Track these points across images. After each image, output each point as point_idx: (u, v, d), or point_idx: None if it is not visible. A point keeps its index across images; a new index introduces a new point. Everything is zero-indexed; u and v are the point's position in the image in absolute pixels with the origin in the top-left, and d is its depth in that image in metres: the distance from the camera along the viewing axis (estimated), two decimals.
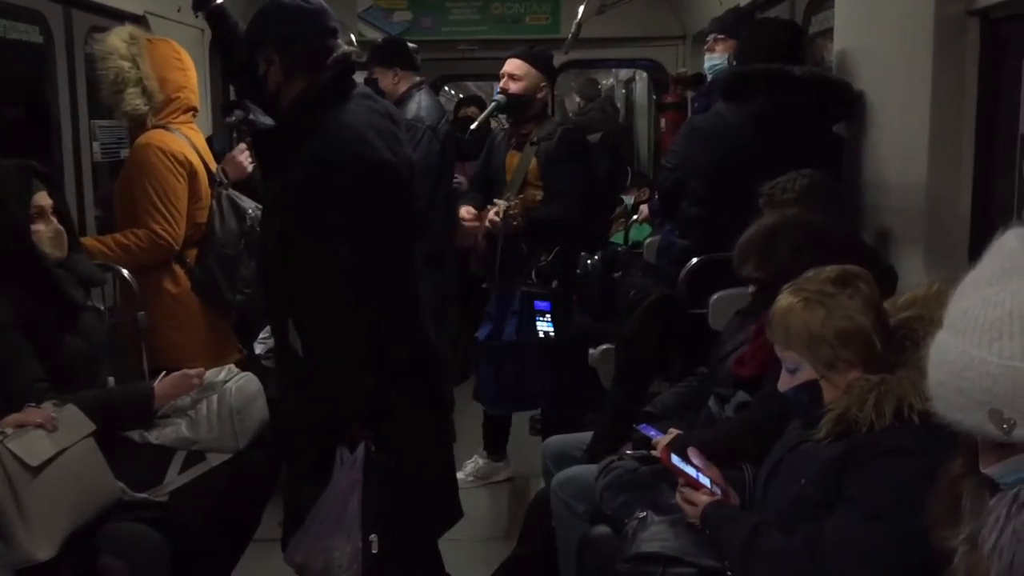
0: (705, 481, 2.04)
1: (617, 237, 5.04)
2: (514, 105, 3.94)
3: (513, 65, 3.93)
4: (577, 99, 8.47)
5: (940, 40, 2.37)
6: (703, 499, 2.00)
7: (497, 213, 3.77)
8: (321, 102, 2.36)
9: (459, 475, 4.15)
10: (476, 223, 3.95)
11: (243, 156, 3.58)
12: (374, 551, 2.33)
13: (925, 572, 1.41)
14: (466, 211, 3.99)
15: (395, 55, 4.34)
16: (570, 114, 8.41)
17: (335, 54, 2.39)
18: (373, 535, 2.34)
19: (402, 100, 4.22)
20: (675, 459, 2.09)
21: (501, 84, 3.95)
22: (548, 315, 3.85)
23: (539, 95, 3.96)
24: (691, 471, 2.06)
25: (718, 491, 2.02)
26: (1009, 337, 1.17)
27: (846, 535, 1.70)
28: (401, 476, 2.39)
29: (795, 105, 2.91)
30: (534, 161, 3.93)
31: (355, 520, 2.33)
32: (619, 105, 9.50)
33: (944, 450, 1.35)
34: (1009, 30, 2.28)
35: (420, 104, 4.25)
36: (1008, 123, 2.23)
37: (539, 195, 3.91)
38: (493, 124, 4.51)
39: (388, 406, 2.37)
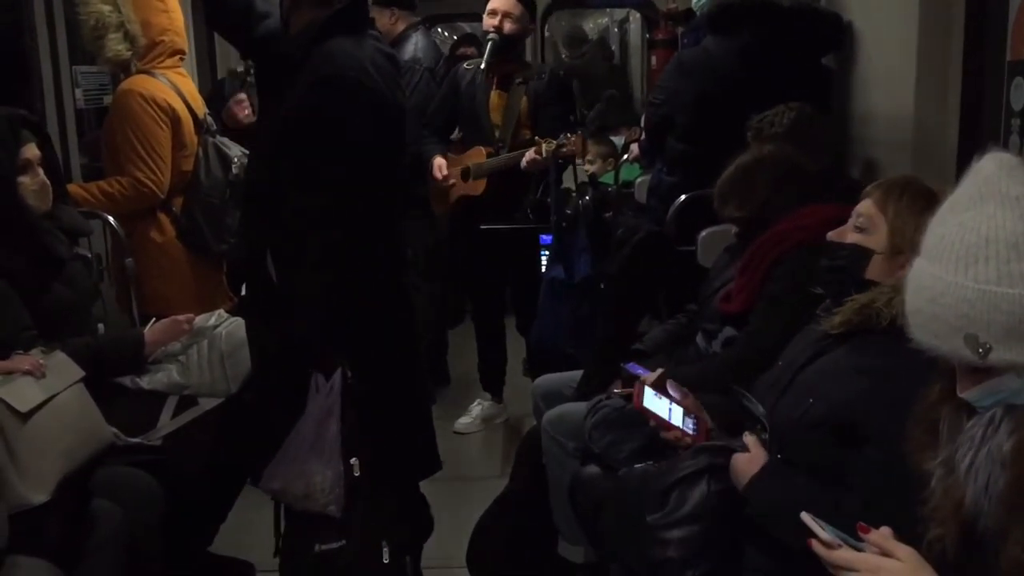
0: (677, 418, 2.05)
1: (607, 177, 5.01)
2: (507, 44, 3.87)
3: (507, 3, 3.86)
4: (564, 51, 8.33)
5: None
6: (686, 440, 2.01)
7: (540, 152, 3.69)
8: (329, 32, 2.34)
9: (466, 419, 4.27)
10: (448, 181, 3.93)
11: (238, 106, 3.54)
12: (356, 474, 2.34)
13: None
14: (438, 169, 3.92)
15: None
16: (563, 56, 8.31)
17: None
18: (354, 459, 2.35)
19: (399, 41, 4.16)
20: (648, 395, 2.10)
21: (494, 22, 3.85)
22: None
23: (527, 36, 3.94)
24: (663, 408, 2.07)
25: (690, 427, 2.03)
26: (984, 261, 1.17)
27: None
28: (377, 406, 2.39)
29: (783, 37, 2.88)
30: (524, 100, 3.89)
31: (334, 445, 2.33)
32: (613, 47, 9.38)
33: None
34: None
35: (417, 45, 4.20)
36: (995, 51, 2.21)
37: (527, 134, 3.89)
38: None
39: (365, 336, 2.37)
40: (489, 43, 3.87)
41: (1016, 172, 1.22)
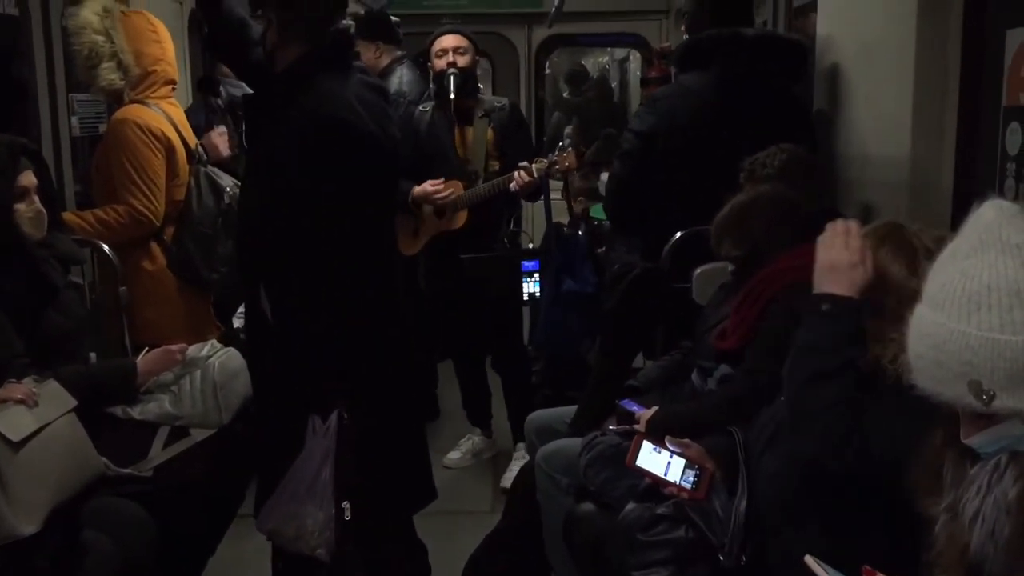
0: (675, 473, 2.03)
1: (597, 211, 5.02)
2: (466, 79, 3.93)
3: (456, 39, 3.95)
4: (565, 88, 8.39)
5: (924, 11, 2.38)
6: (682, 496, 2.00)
7: (530, 173, 3.73)
8: (315, 69, 2.36)
9: (456, 455, 4.27)
10: (450, 190, 3.93)
11: (220, 138, 3.55)
12: (347, 518, 2.33)
13: None
14: (430, 184, 3.91)
15: (377, 29, 4.31)
16: (564, 94, 8.37)
17: (335, 25, 2.39)
18: (346, 503, 2.34)
19: (384, 74, 4.20)
20: (644, 450, 2.09)
21: (446, 60, 3.90)
22: (536, 275, 3.95)
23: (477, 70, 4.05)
24: (661, 461, 2.06)
25: (689, 481, 2.02)
26: (987, 309, 1.18)
27: None
28: (373, 446, 2.39)
29: (753, 66, 2.92)
30: (490, 133, 3.97)
31: (327, 488, 2.33)
32: (614, 85, 9.47)
33: None
34: (993, 2, 2.28)
35: (402, 79, 4.23)
36: (991, 96, 2.24)
37: (496, 165, 3.96)
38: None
39: (360, 376, 2.37)
40: (451, 78, 3.88)
41: (1016, 220, 1.23)
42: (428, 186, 3.90)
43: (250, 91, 2.66)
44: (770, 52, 2.98)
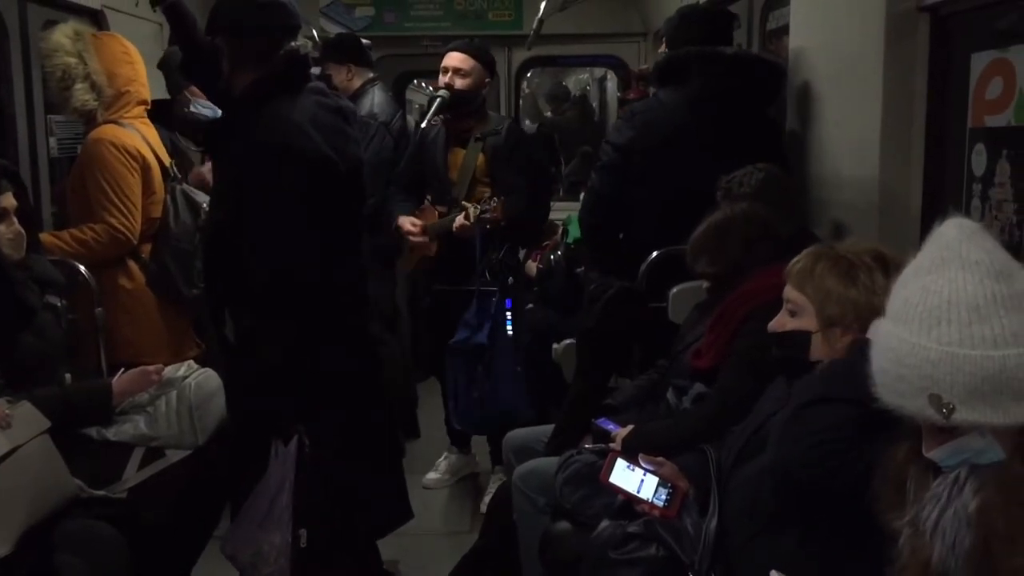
0: (648, 490, 2.06)
1: (576, 230, 5.04)
2: (459, 101, 3.82)
3: (458, 59, 3.83)
4: (547, 107, 8.42)
5: (891, 36, 2.41)
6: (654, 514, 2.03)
7: (467, 217, 3.65)
8: (269, 94, 2.39)
9: (434, 475, 4.23)
10: (424, 236, 3.89)
11: (207, 170, 3.55)
12: (302, 545, 2.33)
13: None
14: (410, 224, 3.88)
15: (348, 51, 4.31)
16: (546, 113, 8.40)
17: (285, 49, 2.42)
18: (303, 530, 2.34)
19: (355, 96, 4.16)
20: (618, 468, 2.11)
21: (445, 79, 3.82)
22: (508, 312, 3.81)
23: (484, 90, 3.92)
24: (635, 479, 2.08)
25: (662, 499, 2.04)
26: (947, 323, 1.20)
27: None
28: (336, 472, 2.39)
29: (729, 86, 2.96)
30: (481, 157, 3.87)
31: (285, 514, 2.33)
32: (594, 104, 9.53)
33: None
34: (958, 26, 2.32)
35: (374, 100, 4.22)
36: (958, 118, 2.28)
37: (487, 192, 3.82)
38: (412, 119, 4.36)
39: (324, 401, 2.38)
40: (437, 100, 3.81)
41: (976, 237, 1.26)
42: (408, 224, 3.89)
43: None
44: (747, 71, 3.01)
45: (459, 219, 3.71)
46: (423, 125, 3.86)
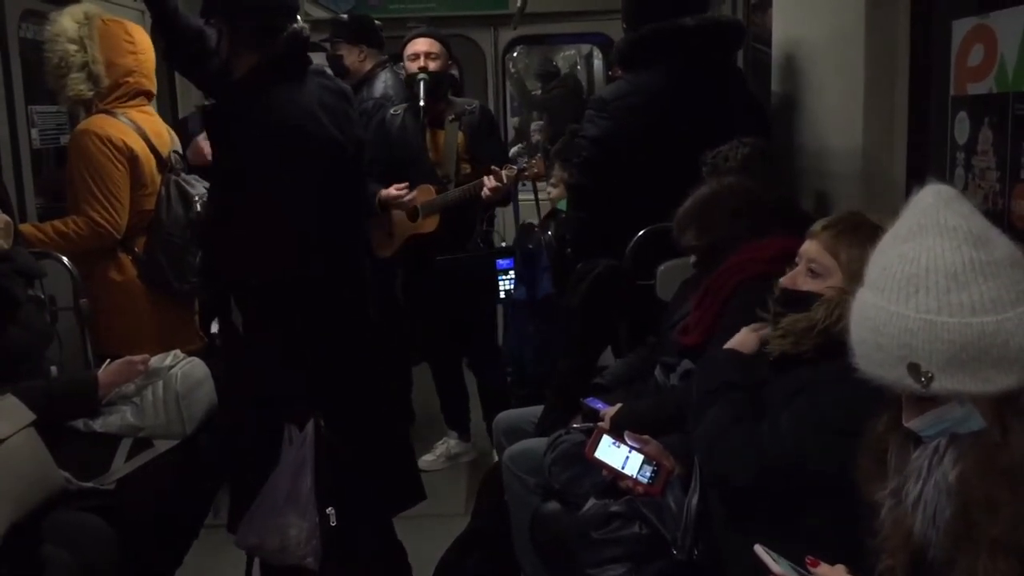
0: (632, 467, 2.05)
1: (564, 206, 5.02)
2: (438, 83, 3.94)
3: (427, 43, 3.97)
4: (535, 85, 8.38)
5: (873, 3, 2.39)
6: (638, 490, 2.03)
7: (500, 179, 3.75)
8: (272, 78, 2.36)
9: (430, 457, 4.27)
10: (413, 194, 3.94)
11: (207, 143, 3.51)
12: (332, 524, 2.33)
13: None
14: (394, 189, 3.91)
15: (361, 32, 4.30)
16: (533, 92, 8.35)
17: (287, 31, 2.39)
18: (330, 508, 2.34)
19: (368, 79, 4.22)
20: (604, 444, 2.11)
21: (418, 64, 3.93)
22: (511, 272, 3.98)
23: (450, 72, 4.07)
24: (620, 456, 2.07)
25: (646, 476, 2.04)
26: (925, 291, 1.19)
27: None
28: (351, 452, 2.39)
29: (697, 56, 2.92)
30: (460, 136, 3.97)
31: (309, 497, 2.33)
32: (582, 81, 9.47)
33: None
34: None
35: (387, 83, 4.24)
36: (940, 86, 2.26)
37: (468, 168, 3.97)
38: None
39: (335, 382, 2.37)
40: (421, 83, 3.88)
41: (954, 203, 1.24)
42: (393, 190, 3.91)
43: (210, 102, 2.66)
44: (714, 39, 2.96)
45: (490, 181, 3.77)
46: (422, 103, 3.89)
